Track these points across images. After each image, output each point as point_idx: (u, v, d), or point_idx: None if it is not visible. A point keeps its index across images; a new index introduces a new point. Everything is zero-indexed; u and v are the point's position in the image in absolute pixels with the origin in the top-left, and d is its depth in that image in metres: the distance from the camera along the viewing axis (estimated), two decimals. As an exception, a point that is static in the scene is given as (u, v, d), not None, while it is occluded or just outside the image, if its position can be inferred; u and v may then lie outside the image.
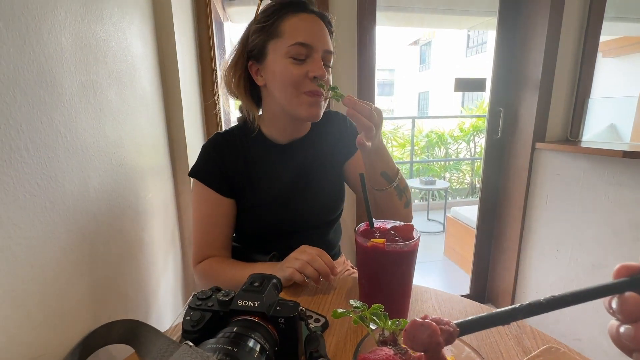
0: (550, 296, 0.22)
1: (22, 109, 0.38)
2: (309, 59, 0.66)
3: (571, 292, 0.22)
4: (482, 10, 2.04)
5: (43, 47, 0.42)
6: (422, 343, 0.22)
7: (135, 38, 0.71)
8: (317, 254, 0.62)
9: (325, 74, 0.67)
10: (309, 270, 0.60)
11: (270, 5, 0.68)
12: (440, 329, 0.23)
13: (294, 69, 0.65)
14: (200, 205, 0.73)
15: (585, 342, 1.46)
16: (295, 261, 0.62)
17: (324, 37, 0.67)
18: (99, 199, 0.54)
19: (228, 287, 0.63)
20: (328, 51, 0.68)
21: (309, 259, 0.61)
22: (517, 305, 0.23)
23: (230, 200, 0.74)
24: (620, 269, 0.22)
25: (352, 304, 0.33)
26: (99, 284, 0.54)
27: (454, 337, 0.23)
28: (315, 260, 0.61)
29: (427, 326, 0.23)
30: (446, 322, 0.23)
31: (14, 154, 0.37)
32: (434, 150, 5.43)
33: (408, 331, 0.23)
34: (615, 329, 0.22)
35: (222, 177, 0.72)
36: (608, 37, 2.17)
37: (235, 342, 0.35)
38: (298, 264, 0.61)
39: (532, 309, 0.22)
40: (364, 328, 0.53)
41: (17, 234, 0.37)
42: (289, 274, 0.60)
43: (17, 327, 0.38)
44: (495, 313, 0.23)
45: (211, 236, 0.73)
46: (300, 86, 0.66)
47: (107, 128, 0.57)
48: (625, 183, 1.30)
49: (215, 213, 0.73)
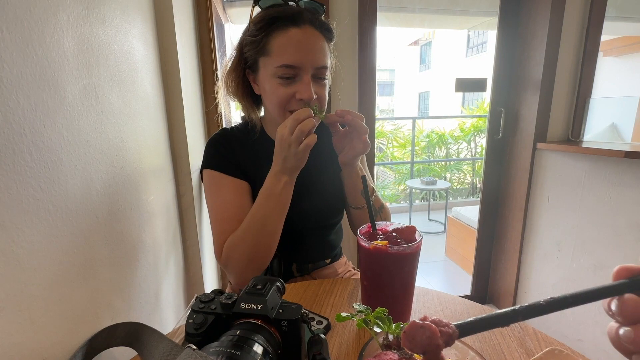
0: (550, 298, 0.22)
1: (25, 112, 0.38)
2: (298, 78, 0.64)
3: (571, 293, 0.22)
4: (483, 11, 2.04)
5: (46, 51, 0.42)
6: (422, 345, 0.22)
7: (137, 40, 0.71)
8: (296, 119, 0.59)
9: (312, 96, 0.64)
10: (308, 125, 0.59)
11: (261, 17, 0.65)
12: (439, 330, 0.23)
13: (280, 91, 0.65)
14: (219, 192, 0.71)
15: (587, 342, 1.46)
16: (295, 137, 0.59)
17: (316, 54, 0.64)
18: (102, 202, 0.54)
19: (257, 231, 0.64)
20: (320, 67, 0.65)
21: (301, 126, 0.59)
22: (517, 306, 0.23)
23: (245, 182, 0.73)
24: (619, 270, 0.22)
25: (356, 308, 0.33)
26: (101, 287, 0.54)
27: (453, 339, 0.23)
28: (299, 117, 0.59)
29: (426, 328, 0.22)
30: (445, 323, 0.23)
31: (17, 157, 0.37)
32: (434, 151, 5.42)
33: (407, 333, 0.23)
34: (614, 331, 0.21)
35: (234, 164, 0.73)
36: (609, 37, 2.16)
37: (238, 345, 0.35)
38: (299, 132, 0.58)
39: (532, 311, 0.22)
40: (366, 331, 0.53)
41: (21, 238, 0.37)
42: (305, 144, 0.59)
43: (20, 331, 0.38)
44: (495, 315, 0.23)
45: (235, 219, 0.69)
46: (287, 106, 0.66)
47: (109, 131, 0.57)
48: (627, 183, 1.29)
49: (237, 195, 0.71)
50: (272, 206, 0.64)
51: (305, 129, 0.58)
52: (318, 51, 0.64)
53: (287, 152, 0.60)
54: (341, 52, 1.36)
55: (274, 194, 0.63)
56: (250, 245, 0.64)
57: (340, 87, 1.39)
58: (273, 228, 0.65)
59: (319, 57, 0.65)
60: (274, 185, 0.63)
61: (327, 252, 0.84)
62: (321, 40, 0.65)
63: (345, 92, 1.42)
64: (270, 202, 0.64)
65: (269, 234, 0.65)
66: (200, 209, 1.07)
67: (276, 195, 0.63)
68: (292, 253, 0.72)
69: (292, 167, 0.62)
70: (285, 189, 0.64)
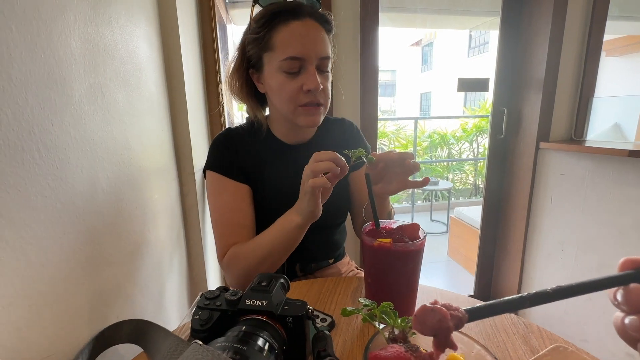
0: (557, 286, 0.23)
1: (33, 110, 0.38)
2: (303, 70, 0.65)
3: (577, 283, 0.23)
4: (485, 11, 2.04)
5: (53, 50, 0.42)
6: (432, 327, 0.23)
7: (142, 40, 0.72)
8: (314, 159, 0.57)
9: (319, 86, 0.65)
10: (322, 165, 0.55)
11: (262, 14, 0.66)
12: (450, 314, 0.23)
13: (288, 84, 0.65)
14: (220, 195, 0.72)
15: (592, 343, 1.45)
16: (305, 177, 0.57)
17: (318, 44, 0.65)
18: (107, 200, 0.54)
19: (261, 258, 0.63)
20: (324, 57, 0.66)
21: (312, 166, 0.56)
22: (525, 293, 0.23)
23: (247, 186, 0.73)
24: (625, 262, 0.23)
25: (362, 302, 0.33)
26: (107, 284, 0.54)
27: (463, 323, 0.23)
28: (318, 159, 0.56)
29: (437, 311, 0.23)
30: (455, 307, 0.24)
31: (26, 155, 0.37)
32: (436, 151, 5.41)
33: (418, 316, 0.23)
34: (620, 320, 0.22)
35: (236, 166, 0.73)
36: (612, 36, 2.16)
37: (244, 340, 0.36)
38: (309, 172, 0.56)
39: (539, 298, 0.23)
40: (371, 327, 0.53)
41: (29, 234, 0.38)
42: (309, 186, 0.55)
43: (28, 327, 0.38)
44: (504, 300, 0.24)
45: (235, 223, 0.70)
46: (296, 99, 0.66)
47: (114, 130, 0.58)
48: (631, 182, 1.29)
49: (237, 199, 0.72)
50: (280, 241, 0.64)
51: (317, 169, 0.55)
52: (320, 42, 0.66)
53: (302, 191, 0.59)
54: (343, 53, 1.36)
55: (284, 230, 0.63)
56: (252, 265, 0.65)
57: (343, 87, 1.40)
58: (277, 259, 0.65)
59: (322, 48, 0.66)
60: (287, 222, 0.63)
61: (330, 252, 0.84)
62: (322, 31, 0.66)
63: (348, 92, 1.42)
64: (279, 236, 0.63)
65: (271, 263, 0.65)
66: (203, 208, 1.07)
67: (286, 232, 0.63)
68: (295, 253, 0.72)
69: (305, 210, 0.59)
70: (295, 231, 0.62)
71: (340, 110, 1.42)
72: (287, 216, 0.64)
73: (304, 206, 0.58)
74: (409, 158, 0.59)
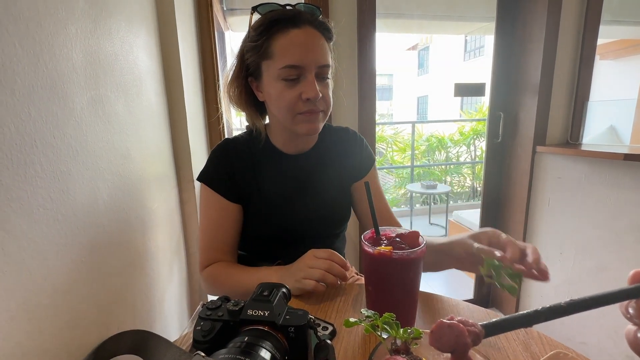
0: (570, 300, 0.23)
1: (36, 124, 0.39)
2: (302, 78, 0.64)
3: (590, 296, 0.23)
4: (480, 16, 2.06)
5: (55, 64, 0.43)
6: (450, 344, 0.23)
7: (141, 51, 0.73)
8: (330, 259, 0.59)
9: (318, 94, 0.64)
10: (330, 279, 0.58)
11: (261, 22, 0.66)
12: (467, 330, 0.23)
13: (286, 92, 0.65)
14: (208, 210, 0.73)
15: (591, 345, 1.45)
16: (313, 272, 0.59)
17: (317, 52, 0.65)
18: (108, 211, 0.55)
19: (233, 292, 0.63)
20: (323, 65, 0.66)
21: (326, 267, 0.58)
22: (539, 308, 0.23)
23: (237, 205, 0.74)
24: (635, 274, 0.23)
25: (364, 313, 0.33)
26: (107, 295, 0.54)
27: (480, 338, 0.23)
28: (333, 267, 0.59)
29: (454, 327, 0.23)
30: (472, 323, 0.24)
31: (29, 168, 0.37)
32: (434, 154, 5.44)
33: (435, 332, 0.23)
34: (632, 333, 0.22)
35: (230, 182, 0.72)
36: (605, 40, 2.19)
37: (246, 351, 0.36)
38: (318, 275, 0.58)
39: (554, 312, 0.23)
40: (373, 336, 0.53)
41: (31, 247, 0.38)
42: (311, 287, 0.57)
43: (30, 338, 0.38)
44: (519, 315, 0.24)
45: (218, 240, 0.73)
46: (294, 108, 0.66)
47: (115, 140, 0.58)
48: (627, 185, 1.30)
49: (222, 217, 0.73)
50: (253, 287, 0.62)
51: (312, 276, 0.57)
52: (319, 50, 0.65)
53: (295, 270, 0.60)
54: (341, 58, 1.37)
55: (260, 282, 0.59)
56: (225, 290, 0.66)
57: (341, 92, 1.41)
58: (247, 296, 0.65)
59: (321, 56, 0.65)
60: (267, 278, 0.62)
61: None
62: (321, 39, 0.66)
63: (346, 96, 1.43)
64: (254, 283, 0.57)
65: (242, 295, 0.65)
66: (203, 216, 1.07)
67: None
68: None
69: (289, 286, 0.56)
70: None
71: (339, 115, 1.43)
72: (269, 272, 0.65)
73: (290, 285, 0.56)
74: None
